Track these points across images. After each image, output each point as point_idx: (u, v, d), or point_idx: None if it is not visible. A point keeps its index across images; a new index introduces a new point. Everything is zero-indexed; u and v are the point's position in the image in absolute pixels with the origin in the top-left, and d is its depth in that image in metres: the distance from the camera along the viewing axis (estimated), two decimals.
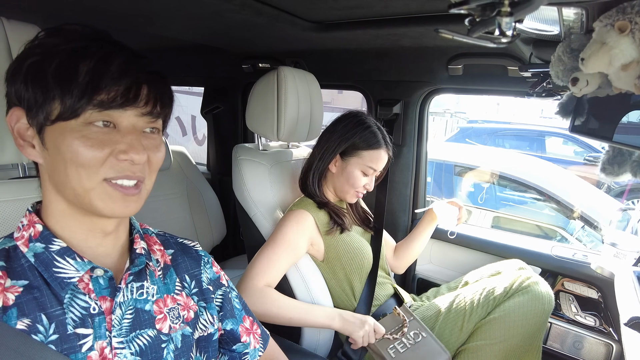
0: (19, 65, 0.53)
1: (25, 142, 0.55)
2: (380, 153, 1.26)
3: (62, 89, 0.50)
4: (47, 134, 0.53)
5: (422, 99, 1.64)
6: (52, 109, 0.52)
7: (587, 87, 0.70)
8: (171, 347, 0.63)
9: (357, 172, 1.26)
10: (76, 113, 0.51)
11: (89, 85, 0.51)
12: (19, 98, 0.53)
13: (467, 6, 0.45)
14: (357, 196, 1.30)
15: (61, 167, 0.53)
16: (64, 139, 0.52)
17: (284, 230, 1.19)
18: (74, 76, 0.51)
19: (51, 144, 0.53)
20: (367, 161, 1.25)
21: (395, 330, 1.17)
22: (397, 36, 1.29)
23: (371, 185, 1.30)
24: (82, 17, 1.33)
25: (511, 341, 1.13)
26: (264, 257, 1.16)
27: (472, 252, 1.63)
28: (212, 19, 1.21)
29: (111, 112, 0.53)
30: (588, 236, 2.56)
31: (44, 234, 0.56)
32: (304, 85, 1.38)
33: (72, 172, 0.53)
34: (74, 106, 0.51)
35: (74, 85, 0.50)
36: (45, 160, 0.55)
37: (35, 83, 0.52)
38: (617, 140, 0.79)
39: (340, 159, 1.28)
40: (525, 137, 5.80)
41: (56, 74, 0.51)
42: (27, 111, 0.53)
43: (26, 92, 0.52)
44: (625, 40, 0.58)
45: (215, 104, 2.22)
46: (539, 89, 1.14)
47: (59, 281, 0.55)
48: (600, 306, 1.39)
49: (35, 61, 0.52)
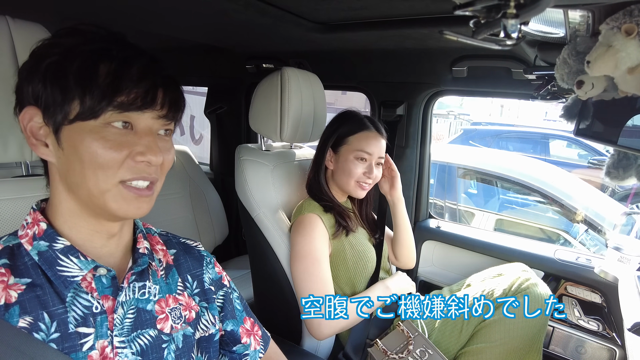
0: (36, 64, 0.53)
1: (38, 141, 0.55)
2: (366, 134, 1.25)
3: (83, 90, 0.51)
4: (64, 133, 0.53)
5: (425, 101, 1.64)
6: (70, 109, 0.52)
7: (593, 90, 0.70)
8: (172, 348, 0.63)
9: (351, 160, 1.25)
10: (96, 114, 0.52)
11: (109, 86, 0.51)
12: (35, 97, 0.53)
13: (472, 8, 0.45)
14: (362, 187, 1.26)
15: (77, 167, 0.53)
16: (83, 139, 0.52)
17: (309, 240, 1.18)
18: (95, 77, 0.51)
19: (68, 144, 0.53)
20: (356, 145, 1.25)
21: (401, 349, 1.14)
22: (402, 37, 1.28)
23: (375, 173, 1.26)
24: (86, 16, 1.33)
25: (511, 343, 1.13)
26: (313, 277, 1.15)
27: (475, 255, 1.62)
28: (216, 19, 1.21)
29: (130, 114, 0.54)
30: (592, 240, 2.54)
31: (48, 232, 0.56)
32: (307, 86, 1.38)
33: (89, 173, 0.53)
34: (95, 107, 0.51)
35: (95, 86, 0.51)
36: (59, 160, 0.55)
37: (55, 82, 0.52)
38: (622, 143, 0.78)
39: (332, 153, 1.29)
40: (529, 139, 5.77)
41: (77, 74, 0.51)
42: (44, 110, 0.53)
43: (44, 91, 0.52)
44: (632, 43, 0.58)
45: (219, 104, 2.22)
46: (544, 92, 1.13)
47: (63, 279, 0.55)
48: (604, 311, 1.38)
49: (55, 61, 0.52)
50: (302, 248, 1.17)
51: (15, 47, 0.76)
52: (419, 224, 1.78)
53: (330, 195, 1.29)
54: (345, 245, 1.23)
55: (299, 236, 1.19)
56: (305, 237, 1.18)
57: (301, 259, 1.17)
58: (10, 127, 0.76)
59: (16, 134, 0.77)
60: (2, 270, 0.53)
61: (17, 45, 0.77)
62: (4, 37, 0.76)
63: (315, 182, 1.30)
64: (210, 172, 2.41)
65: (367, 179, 1.26)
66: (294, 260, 1.18)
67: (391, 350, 1.14)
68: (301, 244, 1.18)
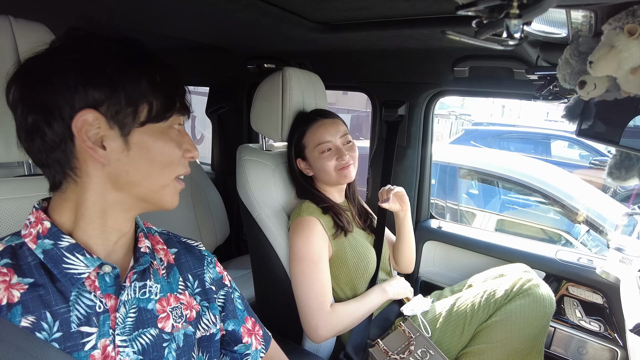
0: (99, 70, 0.53)
1: (94, 144, 0.55)
2: (314, 127, 1.27)
3: (155, 95, 0.56)
4: (135, 135, 0.56)
5: (427, 101, 1.64)
6: (140, 112, 0.56)
7: (595, 90, 0.69)
8: (173, 347, 0.63)
9: (317, 157, 1.26)
10: (165, 117, 0.58)
11: (170, 92, 0.58)
12: (96, 102, 0.53)
13: (474, 8, 0.44)
14: (344, 169, 1.25)
15: (143, 166, 0.57)
16: (156, 140, 0.58)
17: (307, 242, 1.18)
18: (158, 83, 0.57)
19: (138, 145, 0.56)
20: (313, 141, 1.26)
21: (402, 349, 1.14)
22: (403, 38, 1.28)
23: (347, 153, 1.25)
24: (89, 16, 1.33)
25: (513, 344, 1.13)
26: (311, 280, 1.15)
27: (476, 256, 1.62)
28: (218, 19, 1.21)
29: (179, 117, 0.61)
30: (593, 240, 2.54)
31: (53, 231, 0.57)
32: (308, 86, 1.38)
33: (156, 171, 0.58)
34: (165, 111, 0.58)
35: (161, 92, 0.57)
36: (118, 161, 0.56)
37: (125, 87, 0.54)
38: (625, 144, 0.78)
39: (302, 161, 1.30)
40: (531, 139, 5.76)
41: (147, 80, 0.55)
42: (112, 115, 0.54)
43: (113, 95, 0.54)
44: (634, 44, 0.57)
45: (220, 103, 2.22)
46: (546, 92, 1.13)
47: (69, 277, 0.55)
48: (605, 312, 1.38)
49: (119, 66, 0.54)
50: (299, 250, 1.17)
51: (18, 46, 0.77)
52: (420, 224, 1.77)
53: (325, 196, 1.30)
54: (345, 246, 1.23)
55: (296, 238, 1.19)
56: (303, 239, 1.18)
57: (298, 261, 1.17)
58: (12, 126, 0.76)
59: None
60: (4, 270, 0.53)
61: (19, 45, 0.77)
62: (6, 36, 0.76)
63: (304, 193, 1.31)
64: (211, 172, 2.41)
65: (342, 162, 1.25)
66: (292, 263, 1.19)
67: (392, 350, 1.14)
68: (298, 246, 1.18)
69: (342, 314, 1.16)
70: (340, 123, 1.30)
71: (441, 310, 1.25)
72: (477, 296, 1.21)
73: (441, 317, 1.23)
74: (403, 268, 1.47)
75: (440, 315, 1.23)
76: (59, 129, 0.53)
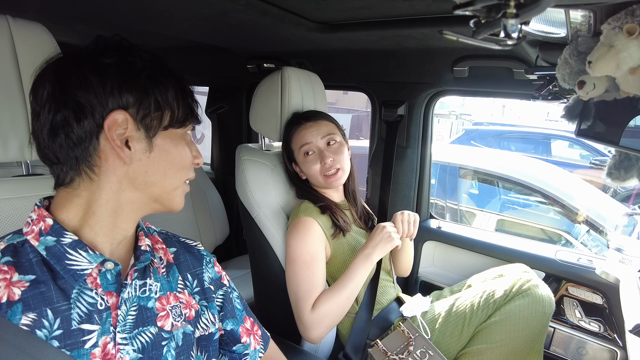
0: (134, 75, 0.57)
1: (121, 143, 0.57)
2: (295, 131, 1.28)
3: (177, 103, 0.61)
4: (159, 138, 0.60)
5: (427, 101, 1.64)
6: (164, 117, 0.60)
7: (594, 90, 0.69)
8: (172, 345, 0.64)
9: (302, 161, 1.27)
10: (184, 123, 0.63)
11: (189, 102, 0.63)
12: (127, 104, 0.56)
13: (472, 7, 0.44)
14: (331, 177, 1.24)
15: (161, 167, 0.61)
16: (177, 144, 0.62)
17: (302, 244, 1.17)
18: (182, 93, 0.62)
19: (160, 147, 0.60)
20: (296, 145, 1.28)
21: (401, 350, 1.14)
22: (402, 37, 1.28)
23: (330, 156, 1.23)
24: (88, 17, 1.33)
25: (512, 344, 1.13)
26: (301, 280, 1.15)
27: (476, 256, 1.62)
28: (217, 19, 1.21)
29: (191, 125, 0.65)
30: (593, 241, 2.53)
31: (55, 228, 0.57)
32: (308, 86, 1.38)
33: (171, 172, 0.62)
34: (185, 119, 0.63)
35: (185, 101, 0.62)
36: (140, 161, 0.59)
37: (155, 93, 0.58)
38: (624, 144, 0.78)
39: (297, 165, 1.31)
40: (531, 139, 5.76)
41: (174, 89, 0.60)
42: (141, 117, 0.57)
43: (144, 100, 0.57)
44: (633, 44, 0.57)
45: (220, 103, 2.22)
46: (545, 92, 1.13)
47: (72, 273, 0.55)
48: (605, 312, 1.37)
49: (151, 74, 0.58)
50: (293, 251, 1.17)
51: (16, 46, 0.77)
52: (420, 224, 1.77)
53: (323, 196, 1.30)
54: (345, 246, 1.23)
55: (291, 239, 1.19)
56: (297, 241, 1.18)
57: (291, 262, 1.17)
58: (10, 126, 0.76)
59: (17, 133, 0.77)
60: (4, 268, 0.53)
61: (17, 45, 0.77)
62: (4, 36, 0.76)
63: (304, 194, 1.31)
64: (211, 171, 2.41)
65: (325, 165, 1.24)
66: (286, 263, 1.19)
67: (391, 350, 1.13)
68: (292, 246, 1.18)
69: (323, 306, 1.12)
70: (323, 124, 1.28)
71: (440, 310, 1.24)
72: (477, 296, 1.20)
73: (440, 318, 1.22)
74: (400, 272, 1.47)
75: (439, 316, 1.23)
76: (88, 126, 0.55)
